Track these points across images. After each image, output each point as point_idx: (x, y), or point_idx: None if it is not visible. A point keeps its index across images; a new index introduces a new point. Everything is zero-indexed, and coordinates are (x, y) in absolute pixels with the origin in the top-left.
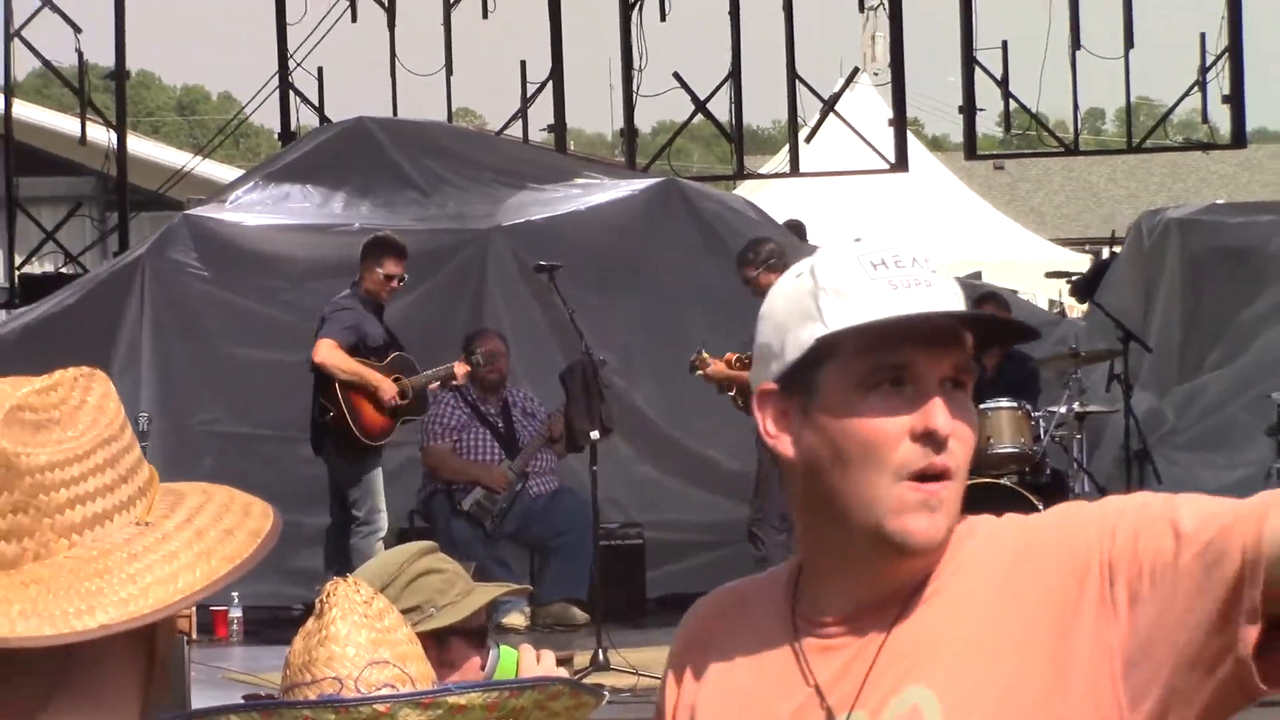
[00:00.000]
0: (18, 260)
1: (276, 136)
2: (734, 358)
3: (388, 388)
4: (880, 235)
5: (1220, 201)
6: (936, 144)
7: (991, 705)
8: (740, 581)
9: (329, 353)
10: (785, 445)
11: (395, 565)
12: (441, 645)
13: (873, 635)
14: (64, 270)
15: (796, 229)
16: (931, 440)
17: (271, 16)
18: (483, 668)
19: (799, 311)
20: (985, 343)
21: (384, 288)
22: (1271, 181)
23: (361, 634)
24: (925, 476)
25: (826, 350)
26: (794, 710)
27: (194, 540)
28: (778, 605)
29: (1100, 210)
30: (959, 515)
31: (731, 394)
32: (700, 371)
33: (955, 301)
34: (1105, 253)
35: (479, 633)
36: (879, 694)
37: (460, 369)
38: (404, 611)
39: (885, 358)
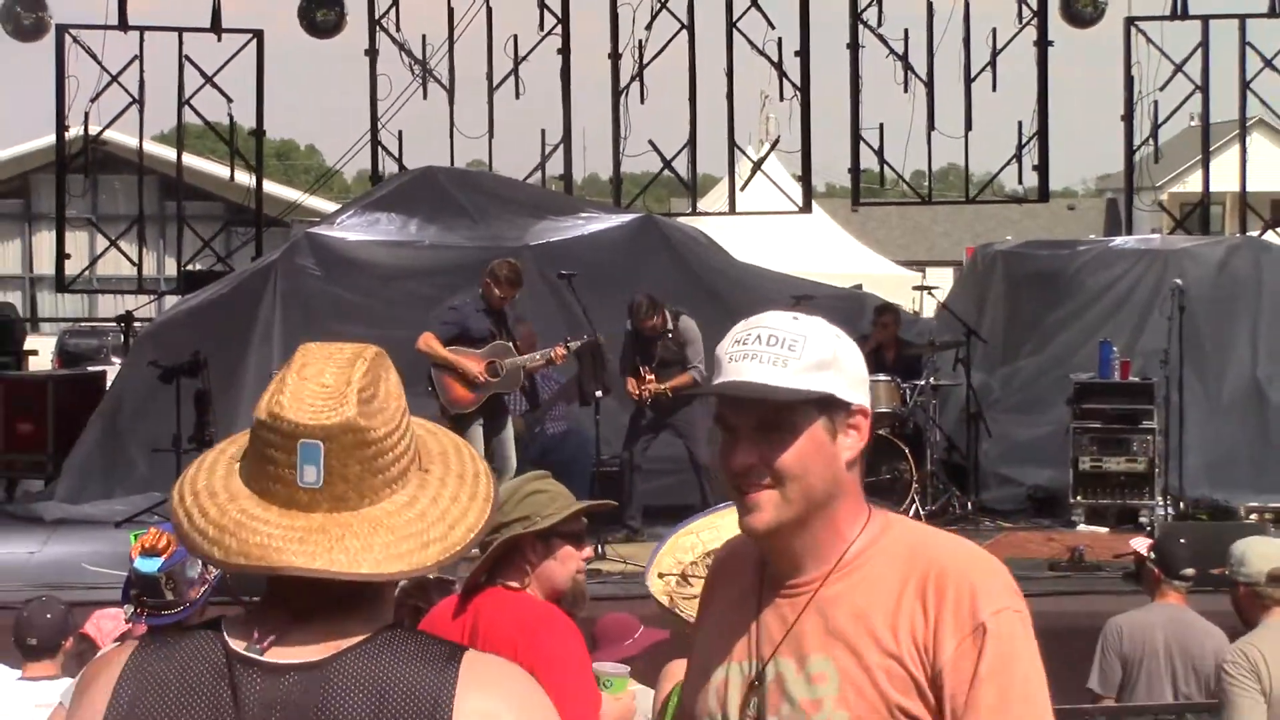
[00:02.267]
0: (184, 261)
1: (368, 178)
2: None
3: (472, 366)
4: (765, 310)
5: (1032, 239)
6: (829, 190)
7: (871, 688)
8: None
9: (423, 341)
10: None
11: (514, 486)
12: (546, 543)
13: (801, 599)
14: (216, 269)
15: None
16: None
17: (349, 91)
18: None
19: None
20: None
21: (495, 300)
22: (1055, 228)
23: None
24: (743, 489)
25: None
26: (741, 649)
27: (460, 487)
28: (756, 564)
29: (925, 242)
30: (801, 505)
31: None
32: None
33: (763, 374)
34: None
35: (575, 534)
36: (800, 649)
37: (558, 352)
38: (516, 520)
39: (717, 411)
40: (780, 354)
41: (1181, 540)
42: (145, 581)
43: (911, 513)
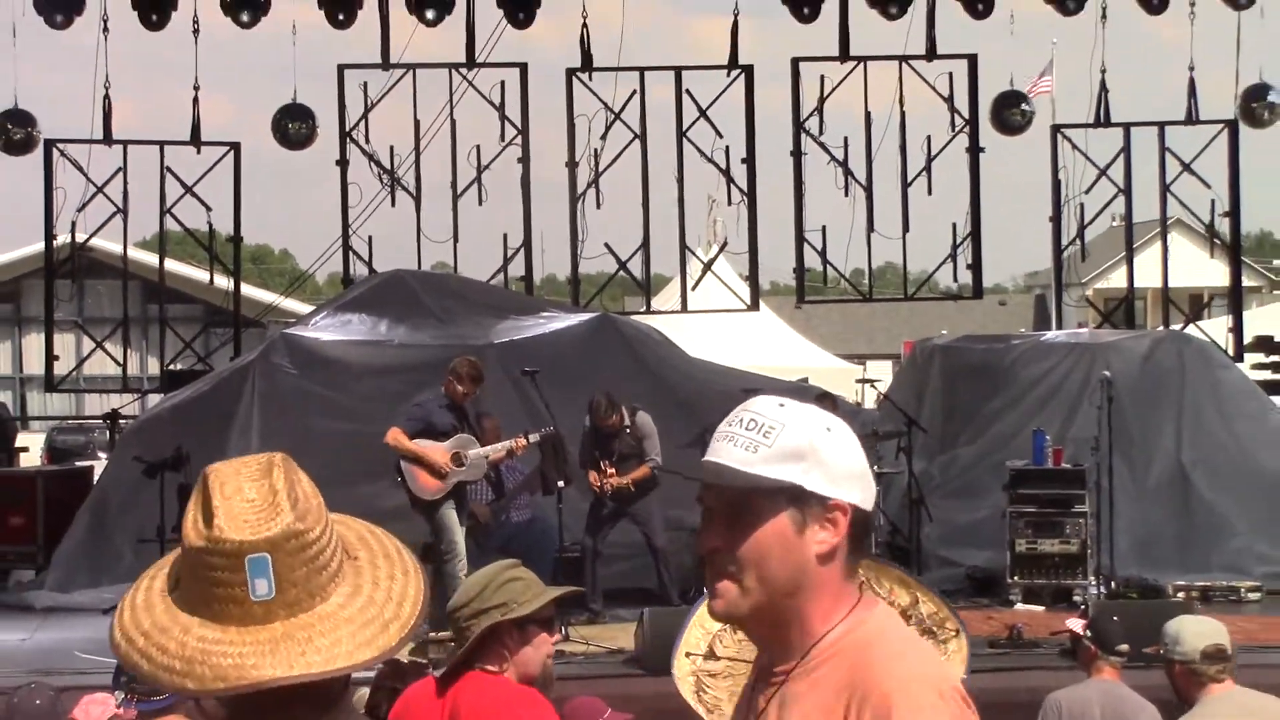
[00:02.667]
0: (166, 361)
1: (340, 281)
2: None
3: (438, 458)
4: (761, 395)
5: (967, 334)
6: (774, 289)
7: None
8: None
9: (390, 436)
10: None
11: (491, 574)
12: (522, 629)
13: (772, 690)
14: (196, 368)
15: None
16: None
17: (320, 199)
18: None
19: None
20: None
21: (458, 395)
22: (988, 323)
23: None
24: (710, 573)
25: None
26: None
27: (391, 565)
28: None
29: (864, 336)
30: (759, 596)
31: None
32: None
33: (732, 457)
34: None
35: (547, 619)
36: None
37: (519, 443)
38: (494, 606)
39: (699, 491)
40: (754, 439)
41: (1114, 618)
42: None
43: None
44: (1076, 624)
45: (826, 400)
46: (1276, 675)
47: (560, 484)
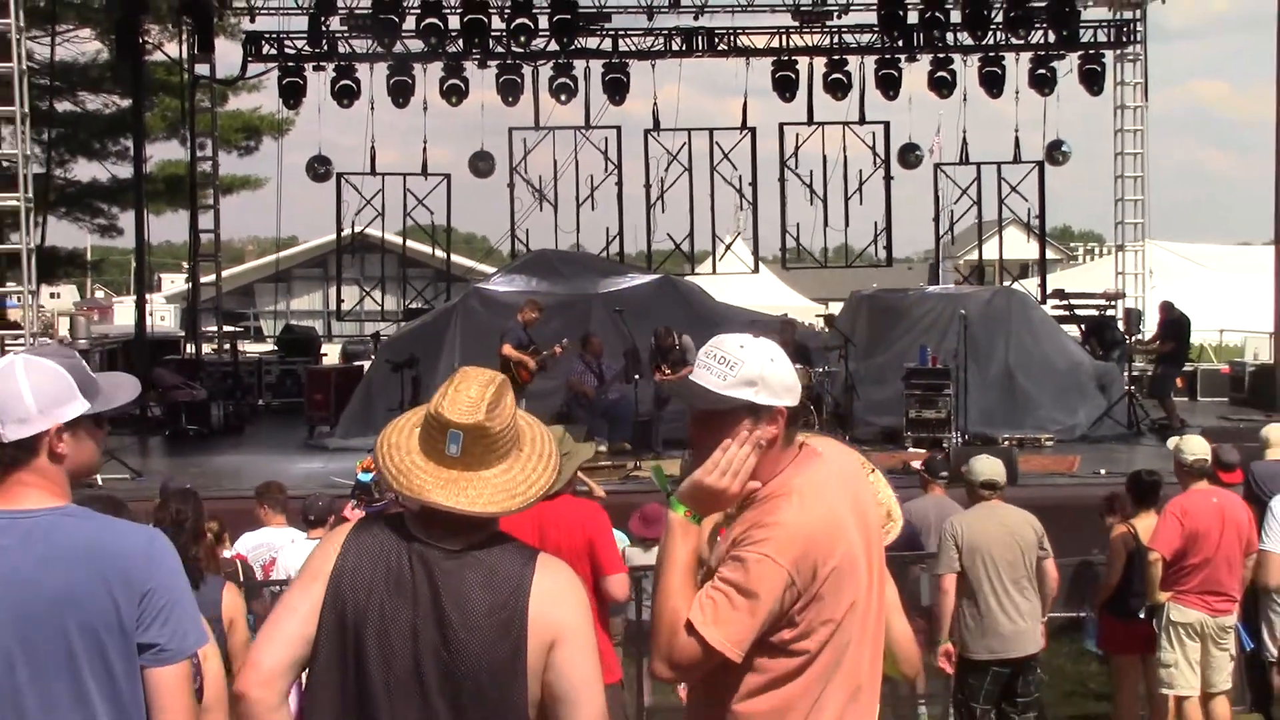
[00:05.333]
0: (407, 301)
1: (509, 255)
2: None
3: (529, 361)
4: (731, 331)
5: (884, 287)
6: (769, 260)
7: None
8: None
9: (505, 348)
10: None
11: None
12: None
13: (726, 525)
14: (424, 307)
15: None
16: None
17: (497, 209)
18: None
19: None
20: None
21: (530, 321)
22: (900, 280)
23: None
24: (695, 457)
25: None
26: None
27: (538, 463)
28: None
29: (825, 288)
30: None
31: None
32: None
33: (707, 381)
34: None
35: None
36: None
37: (557, 350)
38: (565, 453)
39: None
40: (723, 370)
41: (939, 457)
42: (363, 486)
43: None
44: (916, 461)
45: (789, 324)
46: (1052, 490)
47: (636, 377)
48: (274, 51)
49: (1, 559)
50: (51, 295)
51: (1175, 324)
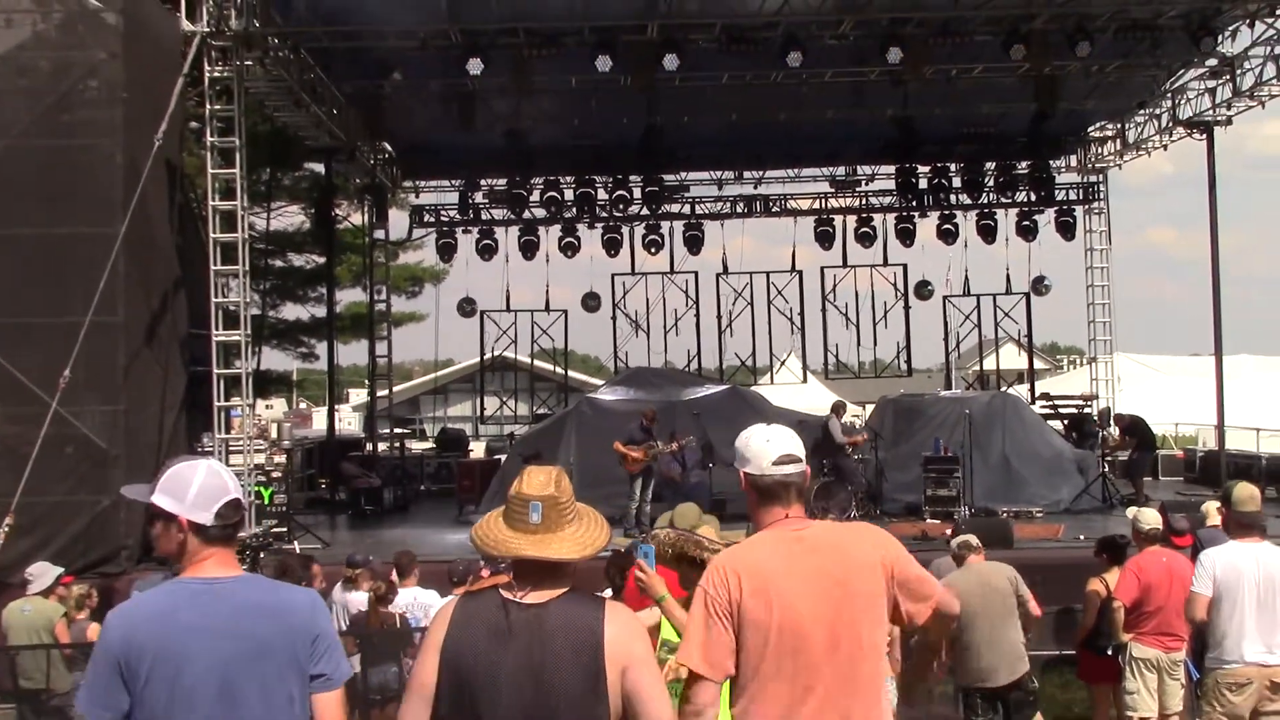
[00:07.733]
0: (535, 408)
1: (613, 372)
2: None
3: (637, 455)
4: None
5: (906, 393)
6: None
7: None
8: None
9: (616, 446)
10: None
11: (694, 513)
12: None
13: None
14: (547, 413)
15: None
16: None
17: (602, 336)
18: None
19: None
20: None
21: (649, 421)
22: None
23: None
24: None
25: None
26: None
27: (594, 526)
28: None
29: (860, 394)
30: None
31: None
32: None
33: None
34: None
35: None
36: None
37: (670, 446)
38: (691, 525)
39: None
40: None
41: (963, 526)
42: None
43: (850, 515)
44: (936, 532)
45: (840, 405)
46: (1042, 552)
47: (710, 465)
48: (433, 219)
49: (209, 615)
50: (266, 407)
51: (1133, 426)
